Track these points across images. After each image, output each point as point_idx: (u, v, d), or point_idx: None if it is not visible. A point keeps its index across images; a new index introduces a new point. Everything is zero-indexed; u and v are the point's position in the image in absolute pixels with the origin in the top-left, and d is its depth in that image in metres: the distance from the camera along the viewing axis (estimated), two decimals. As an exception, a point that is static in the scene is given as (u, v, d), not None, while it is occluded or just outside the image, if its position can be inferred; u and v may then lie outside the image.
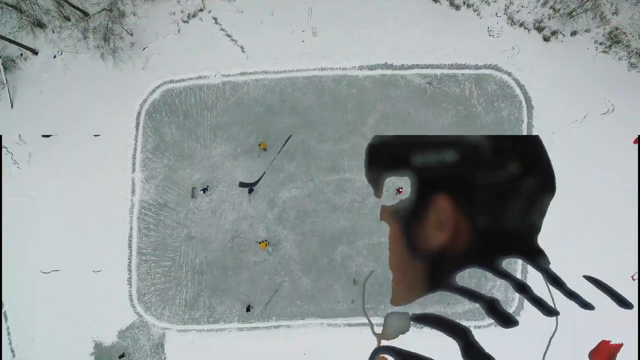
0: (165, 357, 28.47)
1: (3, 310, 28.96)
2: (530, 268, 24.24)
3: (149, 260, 28.90)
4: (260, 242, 28.09)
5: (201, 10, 29.83)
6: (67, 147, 29.54)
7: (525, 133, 28.64)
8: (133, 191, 29.17)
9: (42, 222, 29.23)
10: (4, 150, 29.59)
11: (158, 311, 28.72)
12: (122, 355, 28.29)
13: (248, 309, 28.32)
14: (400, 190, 27.87)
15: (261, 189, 28.82)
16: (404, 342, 17.75)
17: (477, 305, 16.18)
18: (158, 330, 28.64)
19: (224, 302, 28.60)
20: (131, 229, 28.99)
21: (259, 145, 28.51)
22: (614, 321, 26.48)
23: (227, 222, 28.80)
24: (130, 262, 28.87)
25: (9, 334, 29.02)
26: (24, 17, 28.63)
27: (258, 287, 28.57)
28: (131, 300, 28.79)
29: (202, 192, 28.38)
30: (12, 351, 28.93)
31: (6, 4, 28.16)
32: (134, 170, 29.24)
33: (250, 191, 28.38)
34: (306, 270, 28.56)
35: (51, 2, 29.05)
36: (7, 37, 28.35)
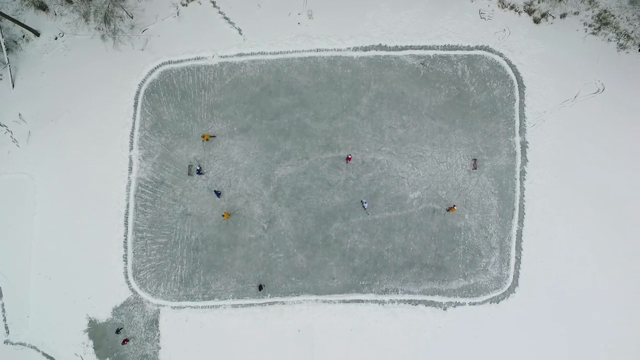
0: (159, 334, 28.37)
1: (-2, 287, 29.02)
2: (525, 243, 24.61)
3: (144, 237, 29.04)
4: (223, 214, 28.27)
5: (200, -7, 30.60)
6: (66, 125, 29.98)
7: (517, 112, 29.10)
8: (130, 169, 29.48)
9: (40, 199, 29.48)
10: (3, 129, 30.03)
11: (153, 288, 28.74)
12: (118, 330, 28.17)
13: (260, 288, 28.25)
14: (350, 157, 28.20)
15: (257, 167, 29.15)
16: (399, 316, 18.64)
17: (473, 281, 17.12)
18: (153, 307, 28.62)
19: (219, 279, 28.64)
20: (128, 206, 29.22)
21: (202, 137, 28.89)
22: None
23: (223, 199, 29.03)
24: (126, 239, 29.01)
25: (3, 310, 29.00)
26: (27, -1, 29.41)
27: (253, 263, 28.65)
28: (126, 277, 28.84)
29: (197, 173, 28.68)
30: (6, 328, 28.85)
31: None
32: (131, 149, 29.62)
33: (218, 194, 28.71)
34: (301, 246, 28.68)
35: (54, -15, 29.91)
36: (12, 17, 28.99)
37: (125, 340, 28.06)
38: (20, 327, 28.85)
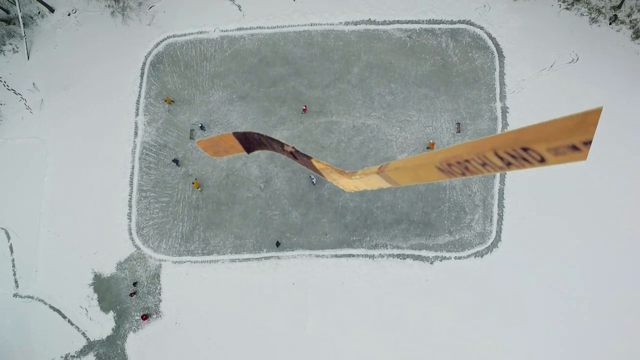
0: (160, 288, 29.84)
1: (9, 243, 30.58)
2: (506, 201, 26.27)
3: (148, 197, 30.79)
4: (193, 182, 30.28)
5: (203, -26, 33.11)
6: (77, 94, 32.09)
7: (497, 80, 31.19)
8: (136, 133, 31.45)
9: (50, 161, 31.37)
10: (18, 97, 32.13)
11: (155, 244, 30.34)
12: (135, 283, 29.57)
13: (278, 244, 29.86)
14: (305, 108, 30.45)
15: (255, 131, 31.03)
16: (388, 270, 21.17)
17: (458, 237, 19.71)
18: (155, 262, 30.16)
19: (217, 235, 30.26)
20: (133, 167, 31.06)
21: (165, 100, 31.06)
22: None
23: (223, 161, 30.88)
24: (130, 198, 30.75)
25: (13, 265, 30.53)
26: (43, -23, 31.89)
27: (250, 220, 30.32)
28: (130, 233, 30.48)
29: (200, 128, 30.61)
30: (16, 282, 30.35)
31: (28, -35, 31.52)
32: (137, 115, 31.64)
33: (176, 162, 30.60)
34: (295, 204, 30.39)
35: (68, -34, 32.50)
36: (28, -8, 31.51)
37: (133, 294, 29.47)
38: (29, 282, 30.35)
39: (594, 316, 27.86)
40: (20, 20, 32.27)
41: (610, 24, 31.54)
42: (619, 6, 31.37)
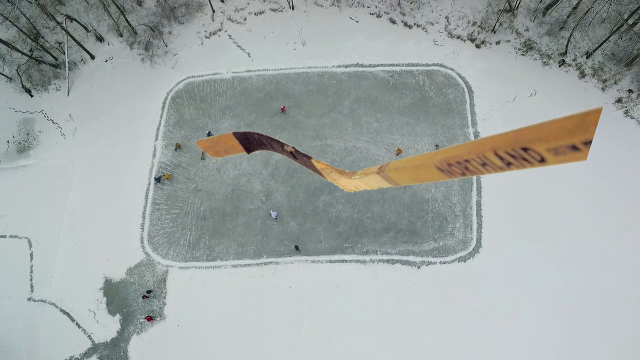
0: (166, 291, 31.81)
1: (30, 251, 33.23)
2: (484, 211, 30.46)
3: (161, 209, 34.15)
4: (165, 174, 34.37)
5: (220, 30, 40.22)
6: (106, 123, 37.15)
7: (469, 110, 36.33)
8: (154, 155, 35.81)
9: (76, 179, 35.30)
10: (55, 126, 37.15)
11: (164, 251, 32.97)
12: (149, 291, 31.54)
13: (297, 248, 32.38)
14: (283, 108, 35.24)
15: (258, 152, 35.42)
16: (379, 274, 27.40)
17: (442, 244, 26.21)
18: (162, 267, 32.52)
19: (222, 243, 33.01)
20: (149, 184, 34.89)
21: (175, 144, 35.95)
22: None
23: (229, 177, 34.81)
24: (145, 210, 34.08)
25: (31, 271, 32.82)
26: (90, 32, 38.82)
27: (252, 229, 33.29)
28: (142, 242, 33.27)
29: (207, 135, 34.89)
30: (32, 287, 32.40)
31: (77, 22, 38.71)
32: (156, 139, 36.32)
33: (157, 180, 34.58)
34: (293, 215, 33.59)
35: (113, 24, 39.75)
36: (79, 43, 38.16)
37: (145, 296, 31.36)
38: (44, 286, 32.40)
39: (574, 313, 29.52)
40: (67, 65, 38.56)
41: (559, 66, 37.57)
42: (565, 53, 37.64)
